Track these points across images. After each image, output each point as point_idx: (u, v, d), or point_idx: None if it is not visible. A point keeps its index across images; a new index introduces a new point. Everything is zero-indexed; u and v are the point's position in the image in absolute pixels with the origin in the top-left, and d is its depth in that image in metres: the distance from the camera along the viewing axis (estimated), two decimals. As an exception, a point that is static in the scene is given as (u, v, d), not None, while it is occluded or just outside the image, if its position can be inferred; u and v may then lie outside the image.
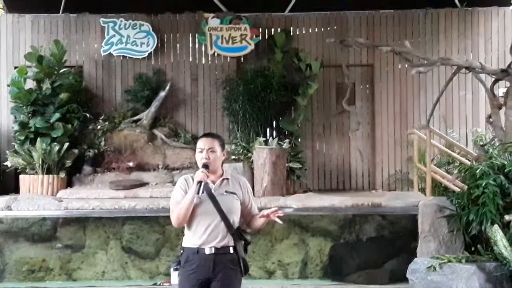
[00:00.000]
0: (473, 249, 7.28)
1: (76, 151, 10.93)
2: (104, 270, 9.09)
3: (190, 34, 12.19)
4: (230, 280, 4.41)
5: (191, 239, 4.44)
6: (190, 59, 12.20)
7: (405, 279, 7.24)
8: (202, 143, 4.64)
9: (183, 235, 4.55)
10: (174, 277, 4.50)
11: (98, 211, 9.14)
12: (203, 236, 4.40)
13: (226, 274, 4.38)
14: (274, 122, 11.62)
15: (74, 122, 11.09)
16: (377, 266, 8.70)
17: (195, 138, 11.89)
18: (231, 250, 4.44)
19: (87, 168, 11.10)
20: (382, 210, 8.91)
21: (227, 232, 4.43)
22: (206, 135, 4.81)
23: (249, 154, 10.33)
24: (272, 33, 12.07)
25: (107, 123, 11.56)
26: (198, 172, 4.48)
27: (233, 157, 10.69)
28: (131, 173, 11.02)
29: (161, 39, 12.11)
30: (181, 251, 4.49)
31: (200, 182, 4.40)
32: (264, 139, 10.39)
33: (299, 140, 11.62)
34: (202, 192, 4.39)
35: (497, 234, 6.61)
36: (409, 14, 11.99)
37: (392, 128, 11.88)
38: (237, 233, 4.46)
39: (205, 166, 4.53)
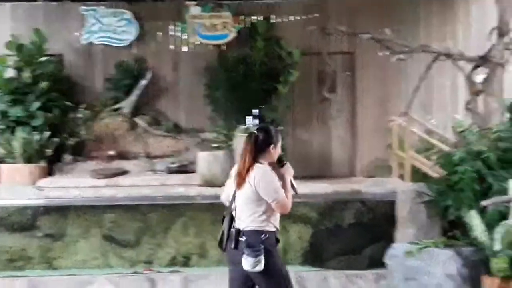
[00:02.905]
0: (450, 234, 7.36)
1: (56, 140, 10.86)
2: (85, 259, 9.07)
3: (172, 22, 12.14)
4: None
5: (273, 224, 4.75)
6: (171, 47, 12.15)
7: (383, 265, 7.33)
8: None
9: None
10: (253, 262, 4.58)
11: (79, 200, 9.14)
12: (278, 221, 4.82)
13: None
14: (256, 110, 11.61)
15: (55, 111, 11.03)
16: (357, 252, 8.76)
17: (176, 127, 11.91)
18: None
19: (67, 157, 11.04)
20: (361, 196, 8.98)
21: None
22: None
23: (230, 142, 10.33)
24: (254, 21, 12.05)
25: (88, 111, 11.50)
26: (290, 168, 4.89)
27: (214, 145, 10.70)
28: (112, 162, 10.98)
29: (142, 27, 12.05)
30: (266, 236, 4.66)
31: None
32: (245, 127, 10.39)
33: (281, 127, 11.62)
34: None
35: (474, 219, 6.69)
36: (390, 2, 12.01)
37: (372, 116, 11.93)
38: None
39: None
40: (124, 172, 10.67)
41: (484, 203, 6.80)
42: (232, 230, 4.74)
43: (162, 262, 9.13)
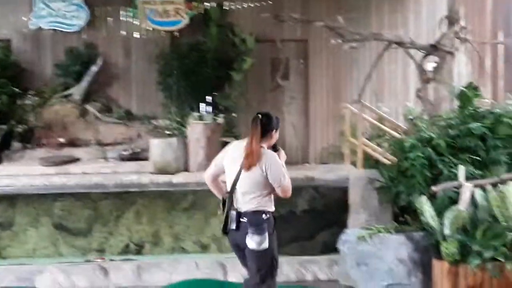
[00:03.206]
0: (401, 219, 7.46)
1: (4, 127, 10.64)
2: (34, 248, 8.94)
3: (123, 7, 11.94)
4: None
5: (272, 205, 4.92)
6: (123, 33, 11.97)
7: (336, 250, 7.39)
8: None
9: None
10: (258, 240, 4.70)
11: (28, 188, 8.96)
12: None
13: None
14: (209, 97, 11.55)
15: (2, 98, 10.77)
16: (310, 237, 8.84)
17: (128, 114, 11.76)
18: None
19: (16, 145, 10.81)
20: (314, 183, 9.02)
21: None
22: None
23: (184, 129, 10.26)
24: (207, 7, 11.95)
25: (37, 98, 11.27)
26: (282, 152, 5.02)
27: (167, 132, 10.61)
28: (62, 149, 10.79)
29: (92, 13, 11.83)
30: (267, 216, 4.81)
31: None
32: (198, 114, 10.33)
33: (234, 114, 11.60)
34: None
35: (424, 204, 6.78)
36: (342, -11, 12.09)
37: (325, 103, 12.02)
38: None
39: None
40: (74, 160, 10.51)
41: (434, 188, 6.90)
42: (233, 212, 4.81)
43: (114, 251, 9.05)
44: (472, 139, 7.25)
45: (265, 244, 4.71)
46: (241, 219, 4.79)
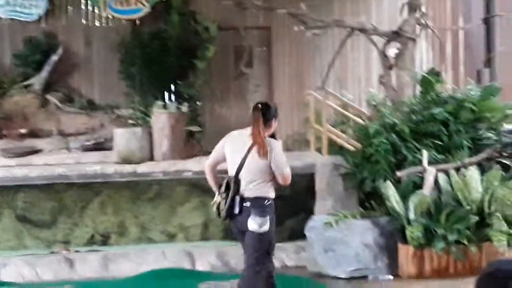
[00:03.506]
0: (367, 205, 7.55)
1: (-38, 118, 10.41)
2: (-2, 241, 8.79)
3: (83, -5, 11.78)
4: None
5: (274, 192, 5.07)
6: (83, 22, 11.78)
7: (304, 236, 7.45)
8: None
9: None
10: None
11: (-11, 180, 8.79)
12: None
13: None
14: (173, 86, 11.48)
15: (-40, 89, 10.55)
16: (277, 224, 8.81)
17: (90, 103, 11.61)
18: None
19: (-25, 136, 10.60)
20: (280, 170, 9.03)
21: None
22: None
23: (148, 119, 10.18)
24: (168, -5, 11.84)
25: (-5, 88, 11.06)
26: (280, 141, 5.15)
27: (131, 121, 10.52)
28: (23, 140, 10.60)
29: (52, 1, 11.60)
30: (269, 201, 4.98)
31: None
32: (162, 103, 10.26)
33: (198, 103, 11.54)
34: None
35: (389, 190, 6.88)
36: (304, -24, 12.08)
37: (289, 90, 12.03)
38: None
39: None
40: (36, 151, 10.34)
41: (398, 174, 7.00)
42: (237, 197, 4.93)
43: (79, 242, 8.95)
44: (435, 125, 7.36)
45: (266, 227, 4.86)
46: (244, 204, 4.92)
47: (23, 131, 10.69)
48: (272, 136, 5.10)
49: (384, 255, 6.89)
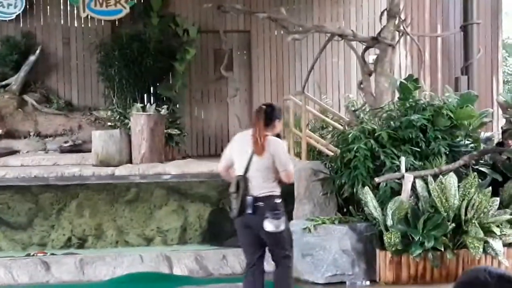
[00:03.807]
0: (345, 210, 7.57)
1: None
2: (-28, 243, 8.68)
3: (62, -4, 11.71)
4: None
5: (280, 189, 5.29)
6: (62, 22, 11.71)
7: (282, 241, 7.43)
8: None
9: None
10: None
11: (-35, 182, 8.68)
12: None
13: None
14: (152, 88, 11.45)
15: None
16: (255, 229, 8.86)
17: (68, 104, 11.54)
18: None
19: (-49, 137, 10.47)
20: (259, 174, 9.03)
21: None
22: None
23: (126, 121, 10.13)
24: (148, -3, 11.82)
25: (-28, 88, 10.94)
26: (284, 141, 5.49)
27: (109, 123, 10.46)
28: (0, 141, 10.50)
29: (30, 1, 11.53)
30: (279, 199, 5.21)
31: None
32: (141, 105, 10.22)
33: (177, 106, 11.52)
34: None
35: (367, 195, 6.90)
36: (285, -19, 12.12)
37: (269, 94, 12.06)
38: None
39: None
40: (13, 152, 10.27)
41: (377, 180, 7.03)
42: (249, 197, 5.11)
43: (56, 245, 8.88)
44: (413, 131, 7.40)
45: (282, 227, 5.12)
46: (256, 204, 5.12)
47: (-1, 132, 10.60)
48: (278, 136, 5.32)
49: (362, 261, 6.91)
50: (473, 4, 10.48)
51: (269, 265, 5.46)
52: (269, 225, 5.06)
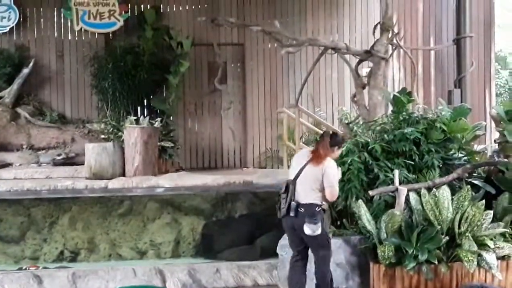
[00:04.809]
0: (339, 223, 7.55)
1: None
2: (-36, 257, 8.63)
3: (55, 9, 11.74)
4: None
5: (323, 201, 6.07)
6: (56, 35, 11.73)
7: (275, 254, 7.42)
8: None
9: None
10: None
11: (-43, 195, 8.63)
12: None
13: None
14: (145, 101, 11.45)
15: None
16: (249, 242, 8.85)
17: (62, 117, 11.52)
18: None
19: None
20: (253, 187, 9.04)
21: None
22: None
23: (120, 134, 10.10)
24: (142, 9, 11.84)
25: (-35, 101, 10.91)
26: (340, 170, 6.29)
27: (102, 136, 10.44)
28: (-8, 154, 10.49)
29: (23, 13, 11.55)
30: (319, 208, 5.98)
31: None
32: (135, 118, 10.21)
33: (171, 119, 11.52)
34: None
35: (361, 208, 6.88)
36: (278, -6, 12.17)
37: (262, 107, 12.07)
38: None
39: None
40: (6, 165, 10.24)
41: (371, 193, 7.01)
42: (293, 203, 5.97)
43: (48, 258, 8.84)
44: (407, 144, 7.40)
45: (318, 231, 5.89)
46: (299, 209, 5.96)
47: (-9, 144, 10.57)
48: None
49: (356, 274, 6.89)
50: (466, 18, 10.52)
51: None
52: (307, 229, 5.89)
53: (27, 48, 11.63)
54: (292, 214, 5.99)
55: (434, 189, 6.85)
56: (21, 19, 11.48)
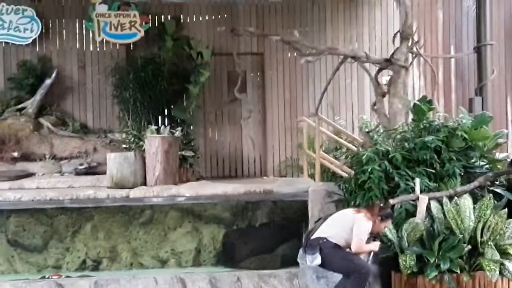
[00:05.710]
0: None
1: (-45, 141, 10.39)
2: (-12, 265, 8.72)
3: (77, 20, 11.87)
4: None
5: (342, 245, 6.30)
6: (78, 46, 11.87)
7: (296, 263, 7.43)
8: None
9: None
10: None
11: (-19, 204, 8.74)
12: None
13: None
14: (166, 110, 11.52)
15: (-46, 112, 10.54)
16: (269, 251, 8.85)
17: (83, 127, 11.64)
18: None
19: (-32, 159, 10.57)
20: (273, 196, 9.03)
21: None
22: None
23: (141, 143, 10.17)
24: (162, 20, 11.94)
25: (-11, 112, 11.07)
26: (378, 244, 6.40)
27: (124, 146, 10.52)
28: (16, 164, 10.60)
29: (46, 25, 11.70)
30: (324, 241, 6.18)
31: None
32: (156, 127, 10.27)
33: (192, 128, 11.59)
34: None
35: (382, 217, 6.87)
36: (297, 3, 12.20)
37: (282, 116, 12.10)
38: None
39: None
40: (29, 175, 10.34)
41: (391, 201, 7.00)
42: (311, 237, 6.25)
43: (71, 267, 8.91)
44: (427, 152, 7.38)
45: (315, 262, 6.19)
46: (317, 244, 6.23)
47: (15, 154, 10.70)
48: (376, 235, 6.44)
49: (377, 283, 6.88)
50: (486, 25, 10.48)
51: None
52: (308, 258, 6.24)
53: (50, 59, 11.76)
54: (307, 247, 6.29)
55: (456, 198, 6.82)
56: (44, 31, 11.62)
